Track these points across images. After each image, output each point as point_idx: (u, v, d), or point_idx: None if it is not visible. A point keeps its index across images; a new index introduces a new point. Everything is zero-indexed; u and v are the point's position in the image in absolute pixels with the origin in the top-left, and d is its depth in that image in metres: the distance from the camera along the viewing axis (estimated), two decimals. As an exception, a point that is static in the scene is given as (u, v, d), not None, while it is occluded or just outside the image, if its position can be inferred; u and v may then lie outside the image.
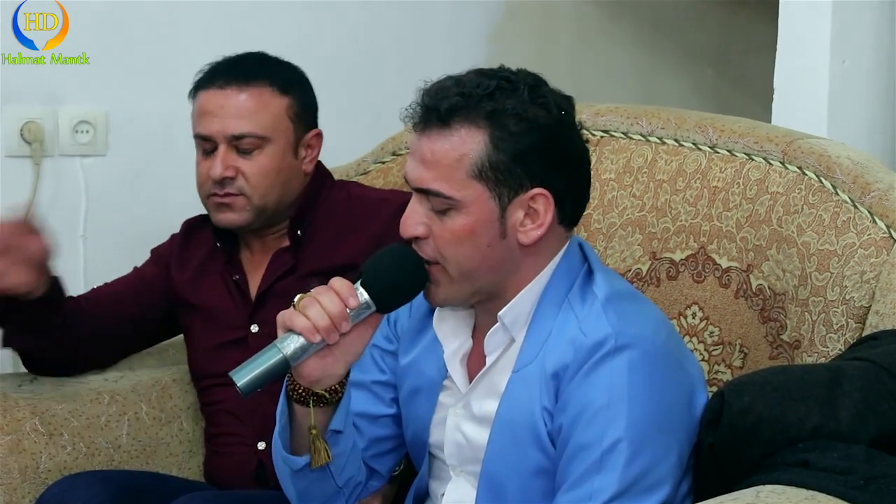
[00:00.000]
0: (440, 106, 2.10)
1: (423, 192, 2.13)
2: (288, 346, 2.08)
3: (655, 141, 2.62)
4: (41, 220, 2.62)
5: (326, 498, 2.25)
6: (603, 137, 2.68)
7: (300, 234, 2.79)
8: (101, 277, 2.93)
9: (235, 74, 2.75)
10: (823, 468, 2.03)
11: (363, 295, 2.10)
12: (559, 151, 2.13)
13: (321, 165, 2.87)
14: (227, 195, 2.74)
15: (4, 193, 3.21)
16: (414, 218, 2.14)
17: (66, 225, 3.01)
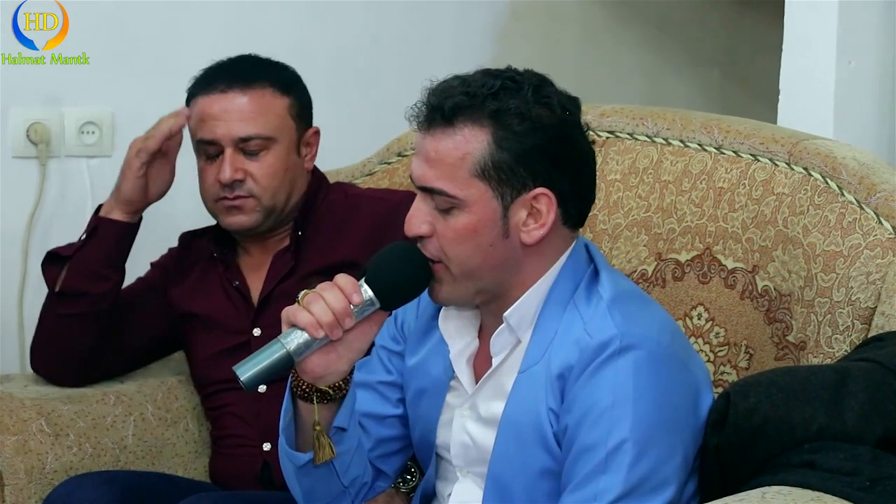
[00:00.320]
0: (444, 105, 2.10)
1: (426, 190, 2.13)
2: (291, 341, 2.08)
3: (661, 142, 2.62)
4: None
5: (332, 497, 2.24)
6: (608, 138, 2.68)
7: (301, 234, 2.80)
8: (106, 278, 2.93)
9: (235, 77, 2.76)
10: (829, 469, 2.03)
11: (367, 292, 2.10)
12: (563, 151, 2.13)
13: (316, 168, 2.88)
14: (237, 198, 2.76)
15: (11, 194, 3.22)
16: (418, 216, 2.14)
17: (71, 225, 3.01)
